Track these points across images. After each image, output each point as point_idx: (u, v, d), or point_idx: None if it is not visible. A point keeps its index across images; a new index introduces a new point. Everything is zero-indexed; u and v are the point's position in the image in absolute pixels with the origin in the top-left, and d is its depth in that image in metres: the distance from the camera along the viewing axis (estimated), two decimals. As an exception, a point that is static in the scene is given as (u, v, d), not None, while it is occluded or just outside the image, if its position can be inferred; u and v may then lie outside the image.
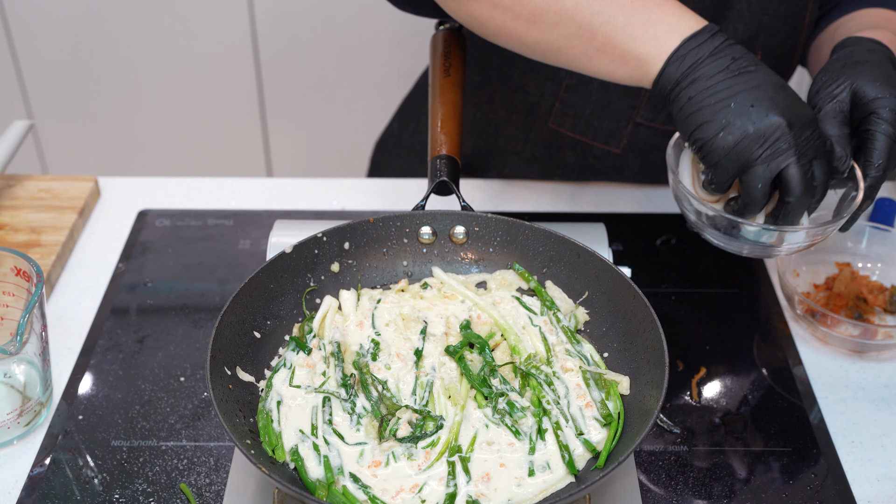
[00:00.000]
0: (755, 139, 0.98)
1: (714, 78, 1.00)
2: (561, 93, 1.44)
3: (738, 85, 0.99)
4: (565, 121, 1.48)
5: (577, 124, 1.48)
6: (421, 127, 1.66)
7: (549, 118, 1.48)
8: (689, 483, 1.09)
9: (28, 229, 1.40)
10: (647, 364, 1.03)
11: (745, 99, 0.99)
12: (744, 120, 0.98)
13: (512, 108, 1.50)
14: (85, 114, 2.71)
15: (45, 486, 1.06)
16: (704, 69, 1.01)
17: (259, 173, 2.86)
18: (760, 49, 1.38)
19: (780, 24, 1.36)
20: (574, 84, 1.43)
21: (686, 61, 1.01)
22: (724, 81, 1.00)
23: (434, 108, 1.25)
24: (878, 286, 1.30)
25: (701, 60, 1.01)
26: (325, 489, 0.94)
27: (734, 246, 1.08)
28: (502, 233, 1.18)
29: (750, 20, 1.34)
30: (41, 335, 1.09)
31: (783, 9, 1.34)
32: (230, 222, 1.47)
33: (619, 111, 1.44)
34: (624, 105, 1.44)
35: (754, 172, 0.99)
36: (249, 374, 1.05)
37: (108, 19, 2.53)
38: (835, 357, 1.25)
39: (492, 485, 0.95)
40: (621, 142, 1.48)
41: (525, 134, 1.52)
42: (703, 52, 1.01)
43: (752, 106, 0.98)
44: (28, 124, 1.50)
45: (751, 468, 1.10)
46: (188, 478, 1.08)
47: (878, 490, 1.08)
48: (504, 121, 1.52)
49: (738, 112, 0.98)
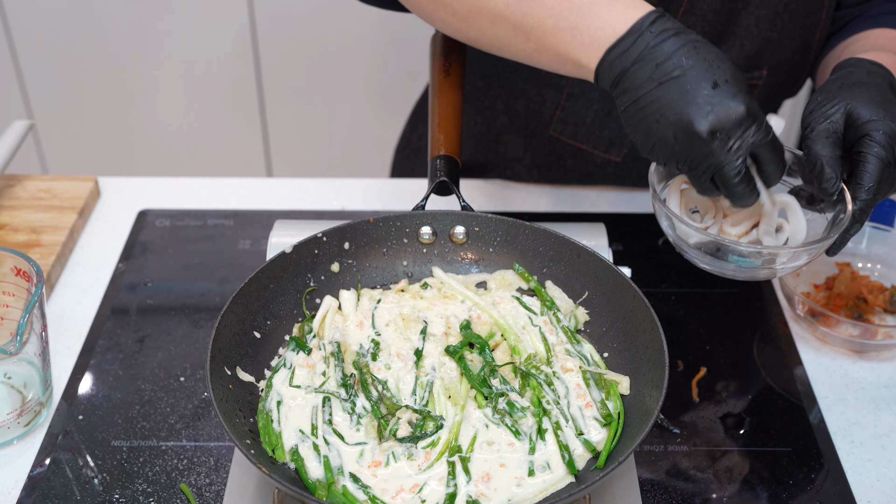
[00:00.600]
0: (682, 155, 0.96)
1: (640, 90, 0.97)
2: (562, 101, 1.44)
3: (662, 98, 0.95)
4: (566, 129, 1.47)
5: (578, 132, 1.47)
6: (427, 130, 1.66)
7: (551, 126, 1.48)
8: (689, 483, 1.08)
9: (28, 229, 1.40)
10: (647, 364, 1.03)
11: (669, 112, 0.95)
12: (669, 138, 0.96)
13: (513, 114, 1.50)
14: (85, 114, 2.71)
15: (45, 486, 1.06)
16: (630, 80, 0.97)
17: (259, 173, 2.86)
18: (766, 64, 1.37)
19: (787, 41, 1.35)
20: (575, 93, 1.43)
21: (613, 71, 0.98)
22: (649, 94, 0.96)
23: (434, 108, 1.25)
24: (878, 286, 1.30)
25: (626, 70, 0.97)
26: (325, 489, 0.94)
27: (717, 267, 1.07)
28: (502, 233, 1.18)
29: (758, 36, 1.34)
30: (41, 335, 1.09)
31: (792, 26, 1.33)
32: (230, 222, 1.47)
33: (619, 119, 1.44)
34: None
35: (696, 181, 0.98)
36: (249, 374, 1.05)
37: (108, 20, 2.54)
38: (835, 357, 1.25)
39: (492, 485, 0.95)
40: (622, 150, 1.48)
41: (526, 141, 1.52)
42: (628, 60, 0.97)
43: (675, 122, 0.95)
44: (28, 124, 1.50)
45: (751, 468, 1.10)
46: (188, 478, 1.08)
47: (878, 490, 1.08)
48: (505, 127, 1.52)
49: (664, 128, 0.96)
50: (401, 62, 2.58)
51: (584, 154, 1.50)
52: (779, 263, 1.05)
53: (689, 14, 1.31)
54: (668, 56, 0.96)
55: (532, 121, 1.49)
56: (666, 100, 0.95)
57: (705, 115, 0.93)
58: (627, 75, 0.97)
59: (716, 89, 0.94)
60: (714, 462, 1.11)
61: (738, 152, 0.94)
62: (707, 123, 0.93)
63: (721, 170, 0.95)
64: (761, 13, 1.32)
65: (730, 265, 1.06)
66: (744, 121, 0.94)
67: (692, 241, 1.06)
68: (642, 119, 0.97)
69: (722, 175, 0.96)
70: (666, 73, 0.95)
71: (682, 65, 0.96)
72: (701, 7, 1.31)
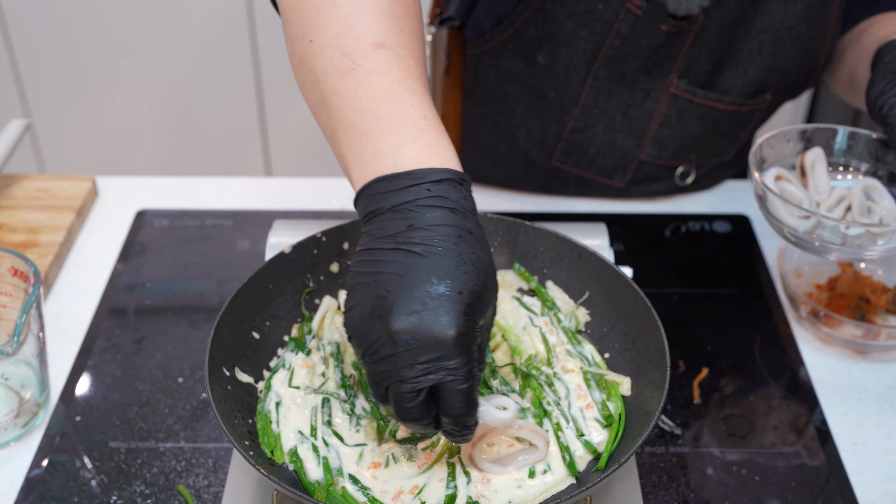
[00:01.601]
0: (366, 337, 0.82)
1: (378, 241, 0.82)
2: (565, 134, 1.42)
3: (386, 264, 0.81)
4: (569, 159, 1.46)
5: (581, 162, 1.46)
6: None
7: (553, 156, 1.46)
8: (691, 484, 1.08)
9: (25, 229, 1.39)
10: (648, 365, 1.02)
11: (381, 285, 0.81)
12: (366, 308, 0.81)
13: (513, 143, 1.47)
14: (82, 113, 2.71)
15: (43, 488, 1.06)
16: (376, 224, 0.83)
17: (258, 173, 2.86)
18: (771, 89, 1.37)
19: (793, 65, 1.34)
20: (579, 127, 1.41)
21: (369, 205, 0.84)
22: (381, 251, 0.82)
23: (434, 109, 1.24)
24: (881, 287, 1.30)
25: (380, 211, 0.83)
26: (325, 491, 0.94)
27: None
28: (502, 233, 1.17)
29: (761, 62, 1.33)
30: (38, 336, 1.09)
31: (796, 51, 1.32)
32: (229, 222, 1.46)
33: (624, 150, 1.43)
34: (629, 144, 1.42)
35: (368, 376, 0.84)
36: (248, 374, 1.04)
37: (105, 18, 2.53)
38: (837, 358, 1.25)
39: (492, 486, 0.95)
40: (625, 177, 1.47)
41: (526, 170, 1.50)
42: (388, 202, 0.82)
43: (379, 299, 0.80)
44: (25, 123, 1.50)
45: (753, 470, 1.10)
46: (186, 479, 1.07)
47: (881, 492, 1.08)
48: (504, 155, 1.50)
49: (367, 295, 0.81)
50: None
51: (586, 180, 1.49)
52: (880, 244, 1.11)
53: (694, 46, 1.30)
54: (425, 225, 0.81)
55: (533, 150, 1.47)
56: (388, 269, 0.81)
57: (406, 315, 0.79)
58: (379, 218, 0.83)
59: (439, 294, 0.79)
60: (716, 463, 1.10)
61: (419, 377, 0.80)
62: (402, 324, 0.79)
63: (397, 382, 0.81)
64: (764, 38, 1.30)
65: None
66: (443, 348, 0.79)
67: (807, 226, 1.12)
68: (360, 270, 0.83)
69: (395, 388, 0.81)
70: (409, 243, 0.81)
71: (430, 245, 0.80)
72: (705, 38, 1.29)
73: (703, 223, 1.47)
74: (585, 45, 1.31)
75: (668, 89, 1.35)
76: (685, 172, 1.47)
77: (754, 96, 1.37)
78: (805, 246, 1.14)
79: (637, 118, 1.39)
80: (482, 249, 0.82)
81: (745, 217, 1.49)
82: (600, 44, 1.30)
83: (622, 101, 1.37)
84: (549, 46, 1.33)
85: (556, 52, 1.33)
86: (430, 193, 0.81)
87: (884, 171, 1.18)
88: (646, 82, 1.34)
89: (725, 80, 1.35)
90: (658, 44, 1.28)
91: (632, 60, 1.31)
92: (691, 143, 1.43)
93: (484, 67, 1.41)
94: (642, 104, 1.37)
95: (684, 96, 1.35)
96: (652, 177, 1.48)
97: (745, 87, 1.36)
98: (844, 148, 1.21)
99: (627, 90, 1.35)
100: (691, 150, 1.44)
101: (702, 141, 1.43)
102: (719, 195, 1.54)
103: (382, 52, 0.87)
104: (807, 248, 1.14)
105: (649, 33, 1.26)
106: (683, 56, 1.31)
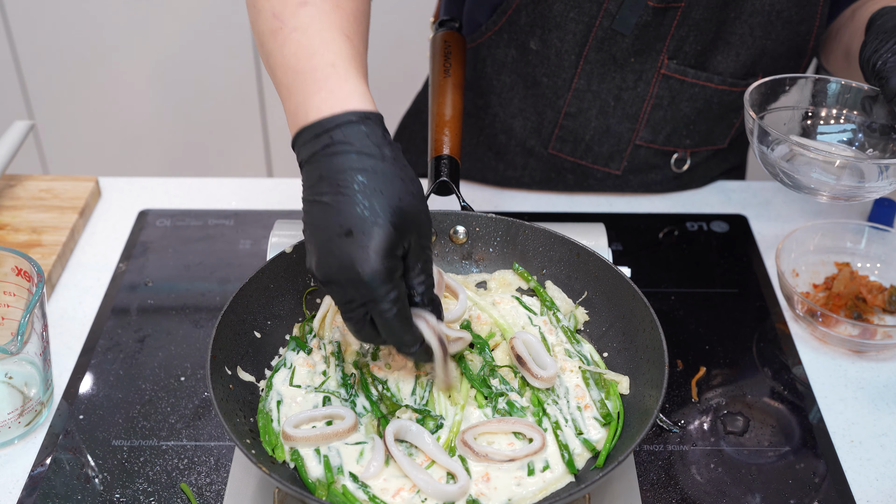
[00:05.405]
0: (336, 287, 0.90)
1: (305, 190, 0.90)
2: (560, 120, 1.44)
3: (309, 216, 0.89)
4: (565, 146, 1.48)
5: (577, 149, 1.48)
6: (418, 129, 1.66)
7: (549, 144, 1.48)
8: (689, 482, 1.09)
9: (29, 229, 1.40)
10: (646, 364, 1.03)
11: (313, 233, 0.88)
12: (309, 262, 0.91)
13: (511, 133, 1.49)
14: (85, 114, 2.72)
15: (46, 486, 1.07)
16: (305, 175, 0.90)
17: (259, 173, 2.86)
18: (761, 72, 1.38)
19: (782, 48, 1.36)
20: (573, 112, 1.43)
21: (299, 155, 0.91)
22: (306, 201, 0.90)
23: (434, 109, 1.25)
24: (878, 286, 1.30)
25: (303, 163, 0.90)
26: (325, 489, 0.94)
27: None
28: (502, 233, 1.18)
29: (752, 45, 1.34)
30: (42, 335, 1.09)
31: (786, 34, 1.34)
32: (230, 222, 1.47)
33: (618, 135, 1.45)
34: (623, 129, 1.44)
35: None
36: (250, 373, 1.05)
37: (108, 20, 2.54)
38: (834, 357, 1.25)
39: (491, 484, 0.95)
40: (621, 163, 1.48)
41: (524, 159, 1.51)
42: (305, 153, 0.89)
43: (316, 246, 0.89)
44: (29, 124, 1.51)
45: (750, 468, 1.10)
46: (189, 477, 1.08)
47: (877, 489, 1.08)
48: (503, 146, 1.51)
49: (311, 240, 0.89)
50: (400, 62, 2.58)
51: (584, 169, 1.50)
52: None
53: (682, 25, 1.32)
54: (330, 174, 0.87)
55: (530, 139, 1.49)
56: (308, 219, 0.89)
57: (325, 266, 0.87)
58: (303, 171, 0.90)
59: (348, 237, 0.86)
60: (713, 462, 1.11)
61: (351, 313, 0.90)
62: (323, 272, 0.88)
63: (343, 314, 0.91)
64: (755, 21, 1.32)
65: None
66: (361, 286, 0.87)
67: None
68: (306, 212, 0.90)
69: (343, 319, 0.92)
70: (317, 195, 0.87)
71: (336, 194, 0.86)
72: (693, 17, 1.31)
73: (700, 223, 1.48)
74: (576, 26, 1.33)
75: (659, 70, 1.37)
76: (680, 159, 1.48)
77: (745, 78, 1.39)
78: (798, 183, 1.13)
79: (630, 101, 1.41)
80: (389, 183, 0.86)
81: (743, 217, 1.49)
82: (590, 25, 1.32)
83: (614, 85, 1.39)
84: (541, 31, 1.35)
85: (548, 37, 1.35)
86: (332, 140, 0.87)
87: (876, 124, 1.19)
88: (637, 64, 1.36)
89: (717, 63, 1.37)
90: (647, 21, 1.31)
91: (622, 41, 1.33)
92: (684, 125, 1.44)
93: (481, 59, 1.44)
94: (634, 87, 1.39)
95: (676, 76, 1.37)
96: (648, 164, 1.49)
97: (736, 70, 1.38)
98: (837, 93, 1.22)
99: (619, 73, 1.37)
100: (685, 135, 1.46)
101: (695, 124, 1.44)
102: (716, 195, 1.55)
103: (305, 9, 0.94)
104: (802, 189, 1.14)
105: (637, 10, 1.29)
106: (672, 36, 1.33)
